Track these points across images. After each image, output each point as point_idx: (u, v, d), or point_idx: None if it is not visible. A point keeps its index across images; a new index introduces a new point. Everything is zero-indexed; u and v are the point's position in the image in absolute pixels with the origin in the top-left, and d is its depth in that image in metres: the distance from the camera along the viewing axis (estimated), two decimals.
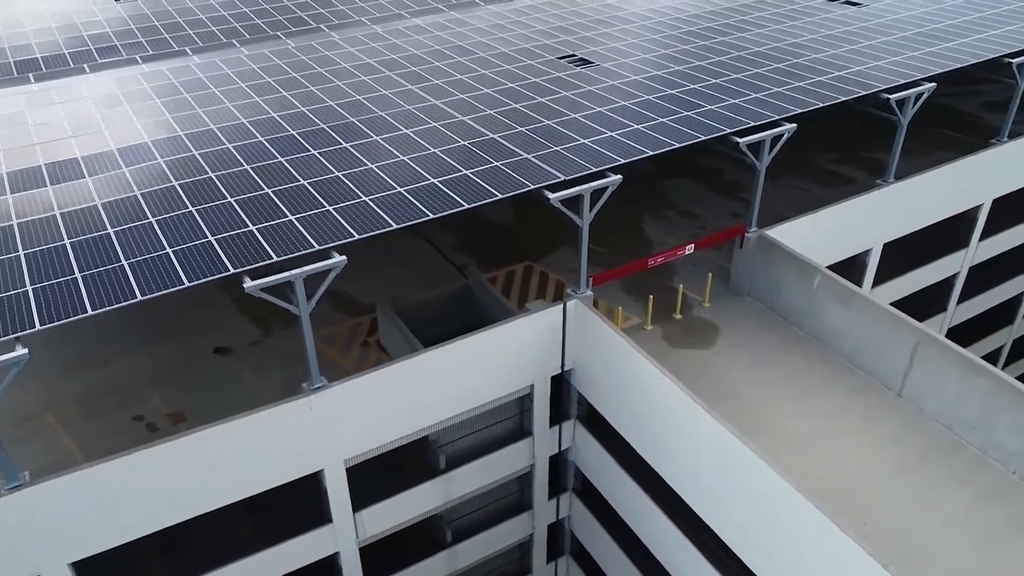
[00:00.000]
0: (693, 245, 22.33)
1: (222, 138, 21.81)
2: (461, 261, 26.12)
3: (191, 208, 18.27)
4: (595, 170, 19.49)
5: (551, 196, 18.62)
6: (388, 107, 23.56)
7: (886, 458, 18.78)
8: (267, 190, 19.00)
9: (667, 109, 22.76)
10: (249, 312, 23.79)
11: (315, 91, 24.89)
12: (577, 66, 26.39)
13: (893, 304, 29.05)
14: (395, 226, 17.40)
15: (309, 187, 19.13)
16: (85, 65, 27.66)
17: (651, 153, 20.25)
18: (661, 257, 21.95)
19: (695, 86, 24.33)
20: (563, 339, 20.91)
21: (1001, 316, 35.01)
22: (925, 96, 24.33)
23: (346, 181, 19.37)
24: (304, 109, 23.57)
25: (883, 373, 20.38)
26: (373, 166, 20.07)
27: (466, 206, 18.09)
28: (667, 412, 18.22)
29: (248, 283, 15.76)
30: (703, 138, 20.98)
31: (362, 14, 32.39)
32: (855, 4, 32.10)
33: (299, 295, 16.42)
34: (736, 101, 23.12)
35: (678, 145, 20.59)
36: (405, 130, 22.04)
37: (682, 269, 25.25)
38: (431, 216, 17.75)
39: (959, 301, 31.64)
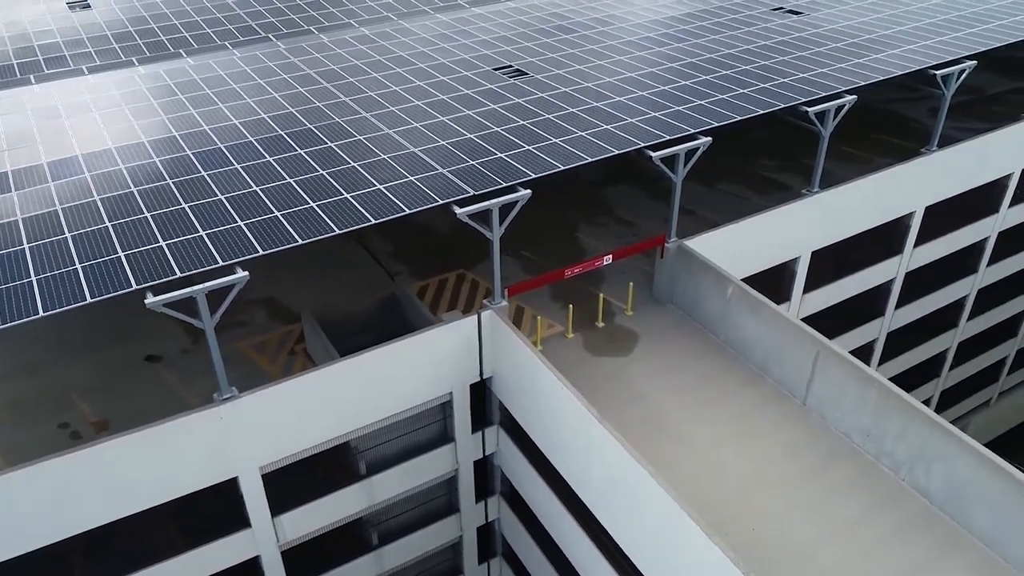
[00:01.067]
0: (611, 256, 22.89)
1: (151, 151, 22.34)
2: (396, 269, 26.69)
3: (107, 224, 18.83)
4: (504, 185, 20.05)
5: (458, 211, 19.18)
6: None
7: (786, 465, 19.36)
8: (183, 205, 19.56)
9: (587, 122, 23.28)
10: (182, 320, 24.29)
11: (251, 103, 25.40)
12: (511, 77, 26.90)
13: (827, 310, 29.83)
14: (299, 242, 17.97)
15: (225, 202, 19.68)
16: (31, 76, 28.17)
17: (561, 168, 20.79)
18: (578, 268, 22.51)
19: (620, 98, 24.84)
20: (479, 348, 21.49)
21: (944, 320, 35.57)
22: (847, 108, 24.84)
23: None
24: (237, 122, 24.07)
25: (789, 382, 20.96)
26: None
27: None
28: (567, 420, 18.82)
29: (150, 299, 16.33)
30: (615, 152, 21.51)
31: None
32: (796, 13, 32.59)
33: (203, 310, 16.99)
34: (656, 114, 23.64)
35: (589, 160, 21.12)
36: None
37: (610, 276, 25.82)
38: (337, 231, 18.32)
39: (897, 306, 32.19)
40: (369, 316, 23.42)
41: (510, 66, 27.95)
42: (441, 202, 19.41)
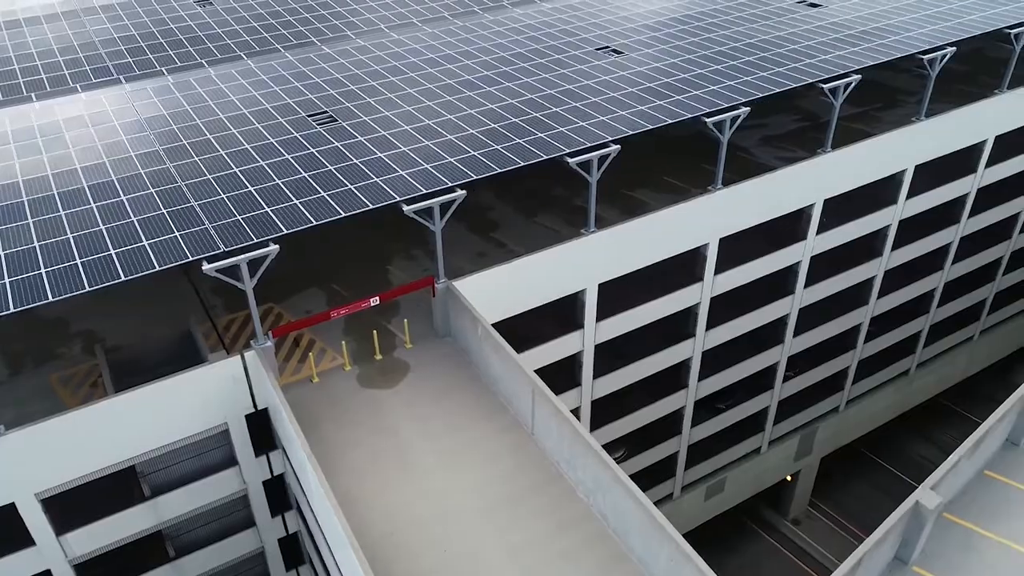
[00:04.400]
0: (379, 297, 25.32)
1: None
2: (213, 302, 29.05)
3: None
4: (255, 241, 22.41)
5: (205, 267, 21.57)
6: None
7: (500, 489, 21.85)
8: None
9: (362, 174, 25.61)
10: (2, 351, 26.79)
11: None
12: (320, 124, 29.16)
13: (640, 330, 32.25)
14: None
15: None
16: None
17: (315, 223, 23.13)
18: (345, 309, 24.93)
19: (405, 148, 27.13)
20: (249, 384, 23.95)
21: (770, 336, 38.05)
22: (611, 158, 27.14)
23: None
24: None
25: (522, 414, 23.45)
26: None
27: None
28: (298, 453, 21.34)
29: None
30: (371, 207, 23.84)
31: (159, 64, 35.16)
32: (618, 52, 34.80)
33: None
34: (428, 166, 25.94)
35: (344, 215, 23.46)
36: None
37: (405, 309, 28.23)
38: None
39: (708, 328, 34.64)
40: (166, 350, 25.85)
41: (325, 111, 30.23)
42: (192, 258, 21.78)
